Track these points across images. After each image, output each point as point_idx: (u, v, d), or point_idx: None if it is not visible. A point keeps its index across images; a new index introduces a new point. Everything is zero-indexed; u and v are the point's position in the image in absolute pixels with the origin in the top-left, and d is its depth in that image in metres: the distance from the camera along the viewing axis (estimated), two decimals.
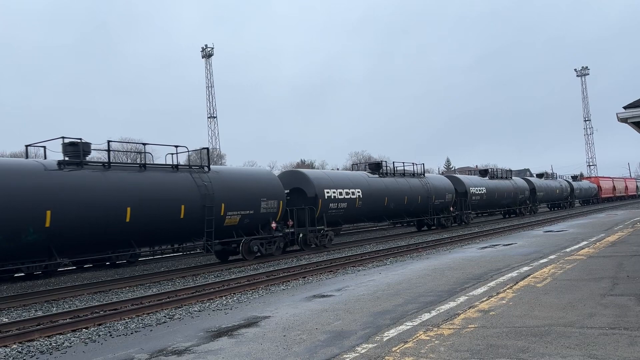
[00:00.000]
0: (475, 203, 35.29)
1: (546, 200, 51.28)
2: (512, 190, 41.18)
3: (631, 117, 9.13)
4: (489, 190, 36.80)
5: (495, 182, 39.15)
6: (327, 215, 22.52)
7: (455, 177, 35.57)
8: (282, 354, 6.13)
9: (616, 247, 15.05)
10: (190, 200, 16.77)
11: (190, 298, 11.31)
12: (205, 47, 79.66)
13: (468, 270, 12.22)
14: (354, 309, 8.59)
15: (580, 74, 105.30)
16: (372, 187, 25.56)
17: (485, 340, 5.99)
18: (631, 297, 7.80)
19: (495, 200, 38.34)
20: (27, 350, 7.61)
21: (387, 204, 26.45)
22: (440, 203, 30.92)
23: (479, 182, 36.93)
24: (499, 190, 39.06)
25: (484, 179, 38.60)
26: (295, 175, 23.47)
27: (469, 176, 40.53)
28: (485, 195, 36.31)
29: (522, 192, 43.19)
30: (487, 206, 38.28)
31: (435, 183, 31.15)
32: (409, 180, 28.76)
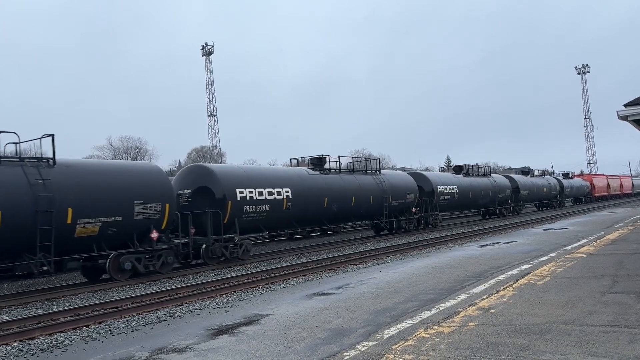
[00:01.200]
0: (445, 203, 32.19)
1: (532, 200, 47.87)
2: (490, 188, 37.86)
3: (632, 115, 9.13)
4: (461, 189, 33.61)
5: (471, 179, 35.94)
6: (242, 220, 18.40)
7: (420, 174, 32.57)
8: (282, 352, 6.14)
9: (616, 244, 15.05)
10: (13, 206, 12.61)
11: (190, 296, 11.32)
12: (206, 45, 79.68)
13: (468, 268, 12.23)
14: (354, 306, 8.60)
15: (581, 71, 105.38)
16: (307, 186, 21.45)
17: (485, 338, 6.00)
18: (631, 295, 7.80)
19: (469, 199, 35.28)
20: (27, 348, 7.62)
21: (328, 206, 22.30)
22: (399, 204, 27.34)
23: (450, 179, 33.65)
24: (475, 188, 35.74)
25: (457, 177, 35.08)
26: (199, 172, 19.01)
27: (438, 173, 37.57)
28: (457, 195, 33.05)
29: (502, 191, 39.88)
30: (459, 206, 35.55)
31: (394, 181, 27.35)
32: (358, 178, 24.91)
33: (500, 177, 42.34)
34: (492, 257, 14.29)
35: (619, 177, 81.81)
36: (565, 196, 56.96)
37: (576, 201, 66.10)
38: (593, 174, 74.77)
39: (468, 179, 35.77)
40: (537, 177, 50.31)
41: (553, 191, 52.20)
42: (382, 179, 26.42)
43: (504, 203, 41.02)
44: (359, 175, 25.51)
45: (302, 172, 22.57)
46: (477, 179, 37.09)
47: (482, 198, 37.13)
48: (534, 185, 47.36)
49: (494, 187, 38.52)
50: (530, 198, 46.82)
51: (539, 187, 48.15)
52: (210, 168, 18.99)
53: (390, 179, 27.20)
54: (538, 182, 48.65)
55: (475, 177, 37.02)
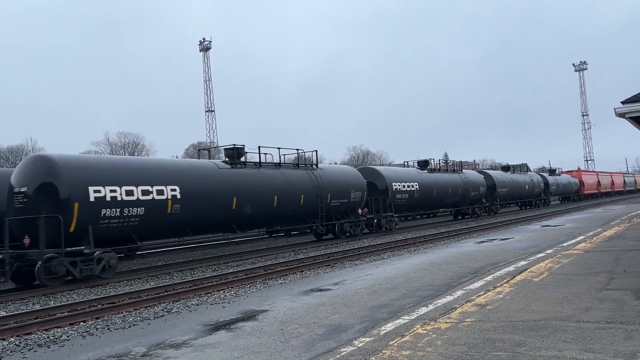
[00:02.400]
0: (402, 203, 28.28)
1: (511, 199, 43.55)
2: (460, 186, 33.84)
3: (629, 112, 9.12)
4: (423, 187, 29.83)
5: (436, 176, 32.06)
6: (100, 227, 14.35)
7: (371, 169, 28.91)
8: (279, 348, 6.15)
9: (613, 241, 15.10)
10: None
11: (188, 292, 11.31)
12: (203, 40, 79.37)
13: (465, 265, 12.25)
14: (351, 302, 8.61)
15: (579, 69, 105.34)
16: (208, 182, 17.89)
17: (482, 334, 6.02)
18: (627, 292, 7.84)
19: (433, 198, 31.49)
20: (25, 343, 7.61)
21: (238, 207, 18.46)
22: (341, 204, 23.42)
23: (409, 175, 29.68)
24: (441, 186, 31.87)
25: (421, 172, 31.23)
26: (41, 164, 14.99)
27: (395, 168, 33.34)
28: (417, 193, 29.15)
29: (475, 189, 35.78)
30: (421, 206, 31.76)
31: (334, 177, 23.28)
32: (284, 173, 20.98)
33: (473, 173, 38.54)
34: (489, 253, 14.32)
35: (610, 174, 78.12)
36: (550, 194, 52.73)
37: (564, 199, 62.50)
38: (582, 171, 69.74)
39: (433, 175, 31.97)
40: (518, 174, 46.04)
41: (536, 189, 48.23)
42: (320, 174, 22.33)
43: (477, 202, 36.82)
44: (286, 170, 21.40)
45: (207, 165, 18.65)
46: (445, 175, 33.19)
47: (451, 196, 33.29)
48: (514, 182, 43.42)
49: (465, 184, 34.58)
50: (510, 196, 42.98)
51: (520, 184, 44.37)
52: (54, 159, 14.41)
53: (329, 174, 23.19)
54: (519, 178, 44.84)
55: (442, 173, 33.17)
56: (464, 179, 34.77)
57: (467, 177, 35.41)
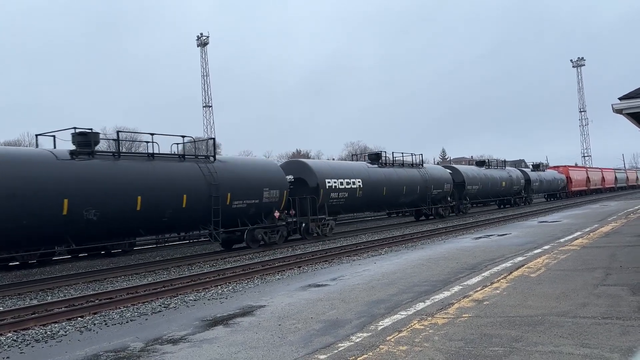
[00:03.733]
0: (339, 203, 23.87)
1: (485, 196, 39.17)
2: (419, 183, 29.65)
3: (626, 108, 9.12)
4: (368, 184, 25.43)
5: (388, 171, 27.76)
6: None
7: (300, 162, 23.91)
8: (277, 343, 6.16)
9: (610, 237, 15.14)
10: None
11: (185, 287, 11.33)
12: (201, 35, 79.19)
13: (462, 260, 12.28)
14: (349, 298, 8.63)
15: (576, 65, 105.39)
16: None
17: (479, 330, 6.04)
18: (624, 287, 7.86)
19: (383, 198, 27.04)
20: (22, 338, 7.61)
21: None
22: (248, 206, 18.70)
23: (351, 171, 25.04)
24: (393, 183, 27.59)
25: (370, 167, 27.04)
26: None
27: (332, 162, 29.31)
28: (360, 191, 24.78)
29: (438, 186, 31.56)
30: (365, 206, 27.58)
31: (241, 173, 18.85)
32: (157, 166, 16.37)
33: (437, 168, 34.59)
34: (486, 249, 14.35)
35: (600, 170, 73.87)
36: (532, 191, 48.13)
37: (549, 197, 57.08)
38: (570, 166, 64.01)
39: (385, 170, 27.73)
40: (494, 169, 41.80)
41: (515, 186, 43.89)
42: (217, 168, 18.05)
43: (441, 201, 32.53)
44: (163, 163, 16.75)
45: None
46: (400, 170, 29.06)
47: (406, 195, 28.96)
48: (488, 178, 38.75)
49: (426, 180, 30.31)
50: (483, 194, 38.43)
51: (495, 180, 39.72)
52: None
53: (232, 168, 18.84)
54: (495, 174, 40.23)
55: (397, 168, 28.99)
56: (424, 174, 30.42)
57: (428, 172, 31.11)
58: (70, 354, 6.48)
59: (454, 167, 37.02)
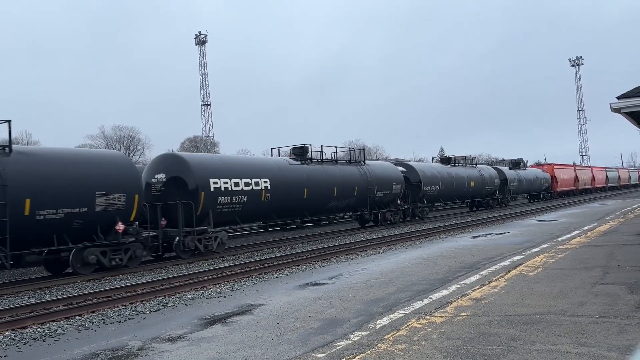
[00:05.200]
0: (233, 211, 18.48)
1: (447, 198, 34.50)
2: (357, 182, 24.77)
3: (624, 107, 9.15)
4: (280, 185, 20.22)
5: (312, 169, 22.59)
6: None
7: (176, 157, 18.76)
8: (275, 342, 6.17)
9: (607, 236, 15.17)
10: None
11: (183, 286, 11.32)
12: (199, 33, 79.15)
13: (460, 259, 12.29)
14: (347, 297, 8.63)
15: (575, 64, 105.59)
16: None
17: (477, 328, 6.05)
18: (621, 286, 7.88)
19: (303, 202, 21.66)
20: (20, 337, 7.60)
21: None
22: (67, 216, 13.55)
23: (251, 169, 19.65)
24: (321, 183, 22.55)
25: (292, 164, 21.96)
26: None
27: (227, 157, 22.45)
28: (265, 195, 19.49)
29: (385, 187, 26.46)
30: (276, 213, 20.76)
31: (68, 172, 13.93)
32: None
33: (384, 165, 29.01)
34: (484, 248, 14.37)
35: (590, 169, 70.26)
36: (509, 192, 43.47)
37: (533, 197, 52.10)
38: (555, 164, 58.85)
39: (308, 167, 22.64)
40: (462, 167, 36.72)
41: (488, 186, 38.98)
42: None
43: (390, 204, 27.31)
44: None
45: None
46: (331, 167, 23.89)
47: (339, 198, 23.70)
48: (453, 177, 33.99)
49: (367, 180, 25.38)
50: (446, 196, 33.69)
51: (461, 180, 34.95)
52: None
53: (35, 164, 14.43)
54: (461, 173, 35.47)
55: (327, 165, 23.83)
56: (365, 173, 25.55)
57: (370, 170, 25.94)
58: (69, 353, 6.48)
59: (408, 164, 32.42)
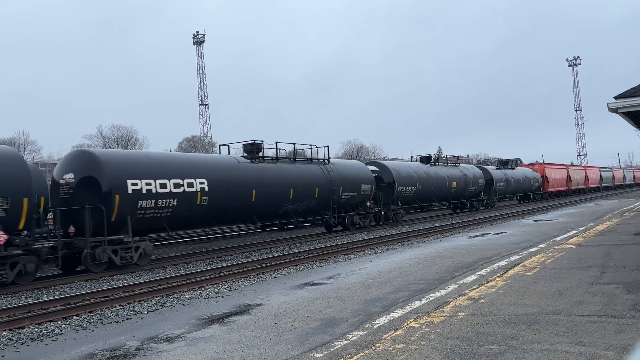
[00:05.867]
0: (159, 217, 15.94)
1: (426, 200, 31.85)
2: (319, 183, 22.06)
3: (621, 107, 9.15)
4: (220, 187, 17.60)
5: (265, 167, 19.97)
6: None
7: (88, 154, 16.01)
8: (273, 341, 6.16)
9: (605, 236, 15.20)
10: None
11: (181, 286, 11.31)
12: (197, 33, 79.00)
13: (458, 259, 12.30)
14: (345, 296, 8.63)
15: (572, 63, 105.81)
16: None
17: (474, 328, 6.05)
18: (619, 286, 7.89)
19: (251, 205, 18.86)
20: (17, 337, 7.59)
21: None
22: None
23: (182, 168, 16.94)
24: (274, 184, 19.92)
25: (241, 163, 19.32)
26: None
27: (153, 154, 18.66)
28: (201, 197, 16.91)
29: (352, 188, 23.84)
30: (215, 218, 17.96)
31: None
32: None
33: (352, 164, 26.07)
34: (482, 247, 14.38)
35: (584, 168, 68.47)
36: (495, 193, 40.76)
37: (522, 198, 49.85)
38: (546, 164, 56.89)
39: (260, 166, 19.88)
40: (442, 166, 34.18)
41: (472, 187, 36.29)
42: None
43: (358, 207, 24.69)
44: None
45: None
46: (287, 166, 21.33)
47: (296, 200, 20.98)
48: (432, 177, 31.40)
49: (330, 181, 22.58)
50: (423, 197, 30.94)
51: (441, 180, 32.40)
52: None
53: None
54: (442, 173, 32.91)
55: (282, 164, 21.18)
56: (328, 172, 22.85)
57: (335, 170, 23.31)
58: (66, 353, 6.47)
59: (381, 163, 29.66)
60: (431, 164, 33.24)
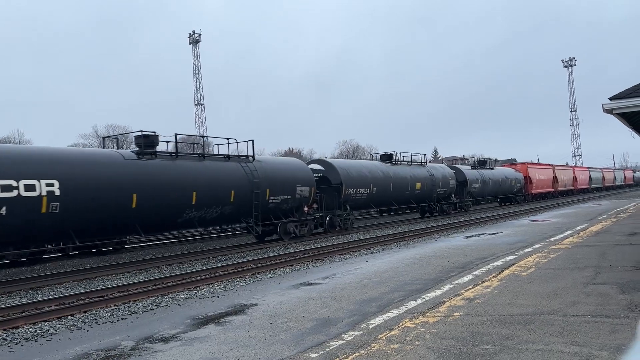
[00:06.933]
0: None
1: (383, 204, 28.39)
2: (239, 184, 18.60)
3: (616, 108, 9.18)
4: (80, 190, 14.08)
5: (157, 166, 16.55)
6: None
7: None
8: (268, 341, 6.16)
9: (599, 236, 15.26)
10: None
11: (177, 285, 11.29)
12: (193, 33, 78.76)
13: (454, 259, 12.33)
14: (340, 296, 8.64)
15: (567, 64, 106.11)
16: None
17: (470, 328, 6.06)
18: (613, 286, 7.92)
19: (132, 212, 15.39)
20: (11, 337, 7.55)
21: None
22: None
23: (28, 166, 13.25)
24: (169, 186, 16.35)
25: (126, 160, 15.83)
26: None
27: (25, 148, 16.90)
28: (52, 206, 13.34)
29: (283, 191, 20.47)
30: (75, 229, 14.22)
31: None
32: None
33: (288, 162, 22.97)
34: (477, 248, 14.41)
35: (571, 169, 65.44)
36: (470, 195, 37.07)
37: (503, 200, 46.54)
38: (530, 163, 53.06)
39: (153, 163, 16.54)
40: (405, 165, 30.54)
41: (441, 188, 32.80)
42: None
43: (292, 213, 21.31)
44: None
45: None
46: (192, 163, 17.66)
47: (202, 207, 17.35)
48: (390, 178, 27.89)
49: (254, 182, 19.04)
50: (380, 201, 27.39)
51: (402, 181, 28.91)
52: None
53: None
54: (403, 173, 29.37)
55: (186, 161, 17.58)
56: (250, 173, 19.08)
57: (260, 169, 19.65)
58: (61, 353, 6.44)
59: (327, 161, 26.16)
60: (392, 163, 29.77)
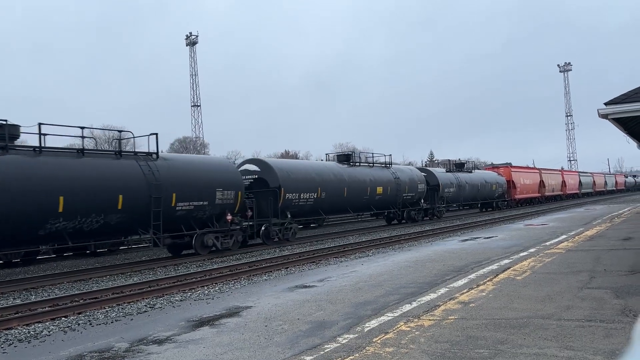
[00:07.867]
0: None
1: (338, 210, 25.87)
2: (134, 188, 15.29)
3: (612, 114, 9.21)
4: None
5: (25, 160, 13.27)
6: None
7: None
8: (263, 344, 6.14)
9: (594, 241, 15.30)
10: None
11: (171, 287, 11.26)
12: (190, 34, 78.78)
13: (449, 262, 12.34)
14: (336, 299, 8.63)
15: (563, 69, 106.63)
16: None
17: (464, 332, 6.07)
18: (607, 290, 7.94)
19: None
20: (5, 338, 7.51)
21: None
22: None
23: None
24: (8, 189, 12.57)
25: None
26: None
27: None
28: None
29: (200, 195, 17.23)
30: None
31: None
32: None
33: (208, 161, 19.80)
34: (472, 251, 14.43)
35: (560, 173, 62.46)
36: (443, 200, 34.20)
37: (484, 206, 43.06)
38: (514, 167, 49.14)
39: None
40: (364, 167, 27.75)
41: (407, 193, 29.63)
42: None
43: (212, 222, 17.94)
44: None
45: None
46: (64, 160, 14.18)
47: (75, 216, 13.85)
48: (345, 181, 24.79)
49: (156, 185, 15.74)
50: (330, 207, 24.26)
51: (359, 185, 25.75)
52: None
53: None
54: (362, 175, 26.31)
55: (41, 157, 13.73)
56: (148, 173, 15.80)
57: (164, 169, 16.44)
58: (54, 354, 6.41)
59: (264, 161, 22.34)
60: (350, 164, 26.80)
